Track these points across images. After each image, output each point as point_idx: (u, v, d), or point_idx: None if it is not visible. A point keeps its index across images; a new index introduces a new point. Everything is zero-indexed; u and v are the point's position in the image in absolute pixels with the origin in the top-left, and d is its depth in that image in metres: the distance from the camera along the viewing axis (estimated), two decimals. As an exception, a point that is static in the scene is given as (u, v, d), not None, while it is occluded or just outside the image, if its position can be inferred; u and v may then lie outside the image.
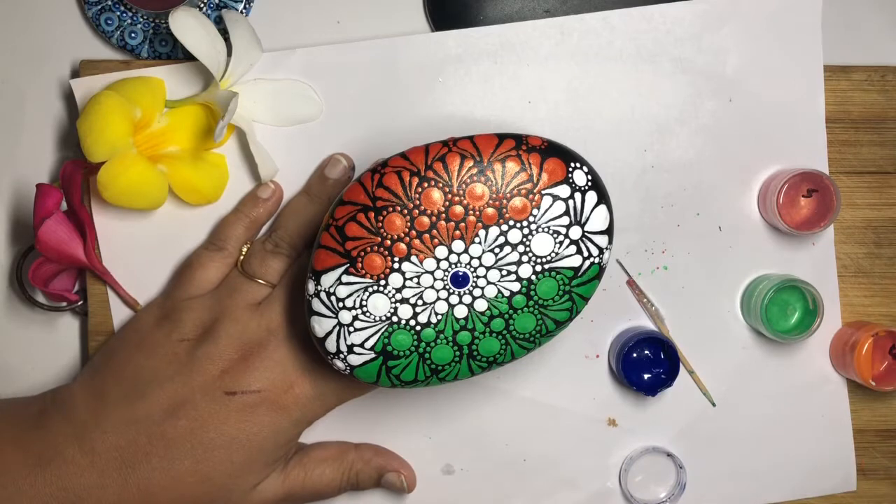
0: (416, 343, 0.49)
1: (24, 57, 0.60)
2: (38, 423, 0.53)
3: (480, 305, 0.49)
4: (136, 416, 0.52)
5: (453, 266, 0.48)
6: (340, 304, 0.48)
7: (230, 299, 0.55)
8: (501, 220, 0.48)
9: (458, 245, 0.48)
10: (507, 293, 0.49)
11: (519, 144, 0.48)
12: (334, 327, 0.49)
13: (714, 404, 0.60)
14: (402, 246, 0.48)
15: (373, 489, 0.59)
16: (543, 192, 0.48)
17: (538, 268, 0.49)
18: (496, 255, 0.48)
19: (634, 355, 0.58)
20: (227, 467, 0.53)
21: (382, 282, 0.48)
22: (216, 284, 0.56)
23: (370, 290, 0.48)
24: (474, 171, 0.48)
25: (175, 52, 0.60)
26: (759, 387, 0.61)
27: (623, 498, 0.61)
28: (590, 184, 0.48)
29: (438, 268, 0.48)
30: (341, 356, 0.49)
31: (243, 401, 0.52)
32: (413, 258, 0.48)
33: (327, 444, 0.58)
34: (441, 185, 0.48)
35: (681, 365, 0.59)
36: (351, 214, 0.48)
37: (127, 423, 0.52)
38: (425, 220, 0.48)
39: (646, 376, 0.58)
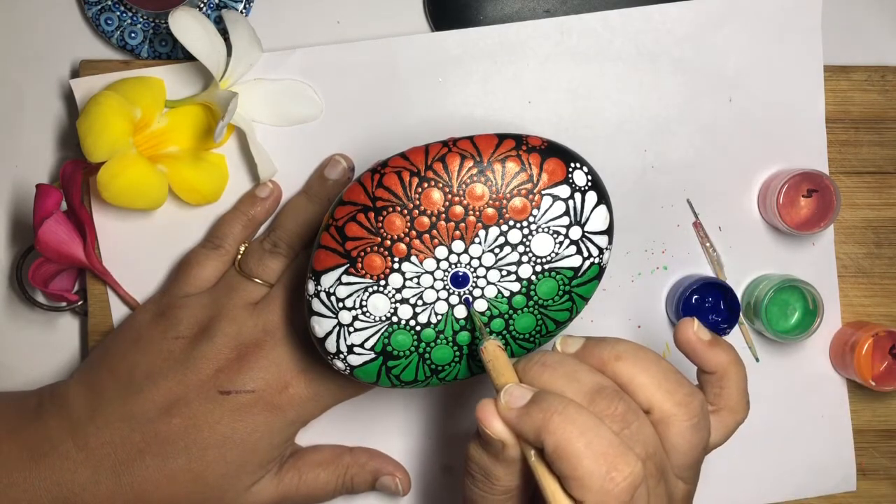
0: (415, 343, 0.49)
1: (24, 57, 0.60)
2: (34, 416, 0.53)
3: (480, 306, 0.49)
4: (131, 413, 0.52)
5: (453, 266, 0.48)
6: (340, 305, 0.48)
7: (227, 298, 0.55)
8: (501, 221, 0.48)
9: (457, 245, 0.48)
10: (506, 293, 0.49)
11: (519, 144, 0.48)
12: (334, 327, 0.49)
13: (758, 359, 0.60)
14: (402, 246, 0.48)
15: (368, 492, 0.59)
16: (543, 192, 0.48)
17: (538, 268, 0.48)
18: (496, 255, 0.48)
19: (694, 300, 0.57)
20: (221, 467, 0.52)
21: (382, 282, 0.48)
22: (213, 283, 0.56)
23: (370, 290, 0.48)
24: (474, 171, 0.48)
25: (175, 52, 0.60)
26: (758, 387, 0.61)
27: (623, 498, 0.61)
28: (590, 184, 0.48)
29: (438, 268, 0.48)
30: (341, 356, 0.49)
31: (238, 400, 0.52)
32: (413, 258, 0.48)
33: (322, 448, 0.58)
34: (441, 185, 0.48)
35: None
36: (351, 214, 0.48)
37: (121, 420, 0.52)
38: (425, 220, 0.48)
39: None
